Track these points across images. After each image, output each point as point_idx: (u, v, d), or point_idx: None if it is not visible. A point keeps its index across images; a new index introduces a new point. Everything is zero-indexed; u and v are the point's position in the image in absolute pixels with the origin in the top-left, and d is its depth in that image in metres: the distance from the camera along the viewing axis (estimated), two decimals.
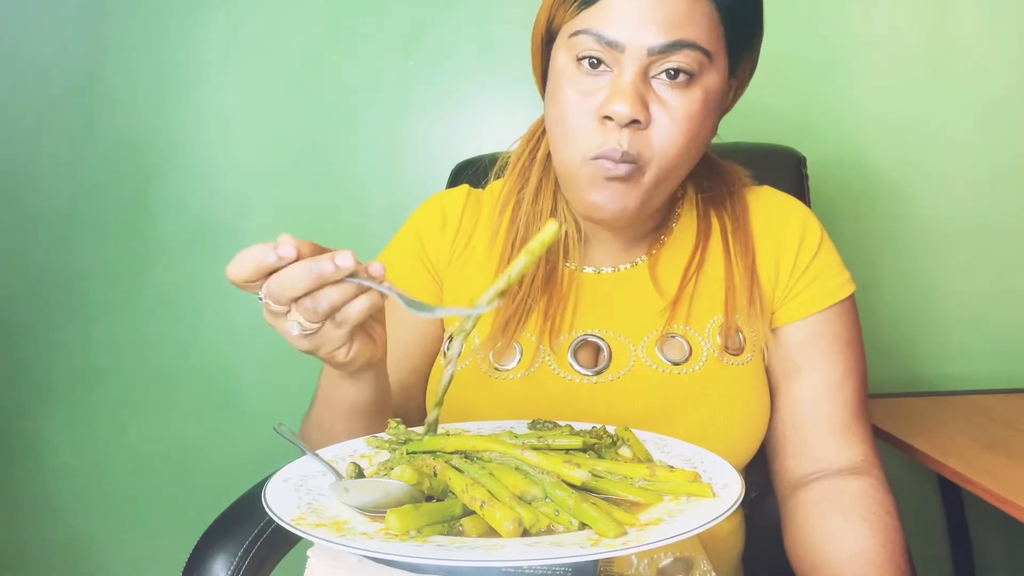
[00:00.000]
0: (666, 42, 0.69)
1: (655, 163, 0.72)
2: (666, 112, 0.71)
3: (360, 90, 1.52)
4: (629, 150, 0.70)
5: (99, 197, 1.57)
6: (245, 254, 0.53)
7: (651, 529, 0.49)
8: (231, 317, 1.56)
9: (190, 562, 0.80)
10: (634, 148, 0.71)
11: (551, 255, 0.83)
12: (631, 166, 0.71)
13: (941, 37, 1.43)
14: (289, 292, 0.53)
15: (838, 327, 0.82)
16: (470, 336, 0.83)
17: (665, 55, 0.70)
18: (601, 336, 0.81)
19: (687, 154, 0.74)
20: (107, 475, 1.62)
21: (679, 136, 0.72)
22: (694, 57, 0.70)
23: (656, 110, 0.71)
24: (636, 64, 0.70)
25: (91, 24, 1.54)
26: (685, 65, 0.70)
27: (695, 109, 0.72)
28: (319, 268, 0.51)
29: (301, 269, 0.52)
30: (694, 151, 0.75)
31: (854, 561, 0.71)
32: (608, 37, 0.70)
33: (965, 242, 1.46)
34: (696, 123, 0.72)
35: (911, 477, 1.47)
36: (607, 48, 0.70)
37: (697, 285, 0.82)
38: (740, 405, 0.78)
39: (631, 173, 0.72)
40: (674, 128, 0.71)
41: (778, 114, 1.43)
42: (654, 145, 0.71)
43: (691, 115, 0.72)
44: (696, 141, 0.74)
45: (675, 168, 0.74)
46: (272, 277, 0.53)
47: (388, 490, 0.54)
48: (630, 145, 0.70)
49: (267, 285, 0.53)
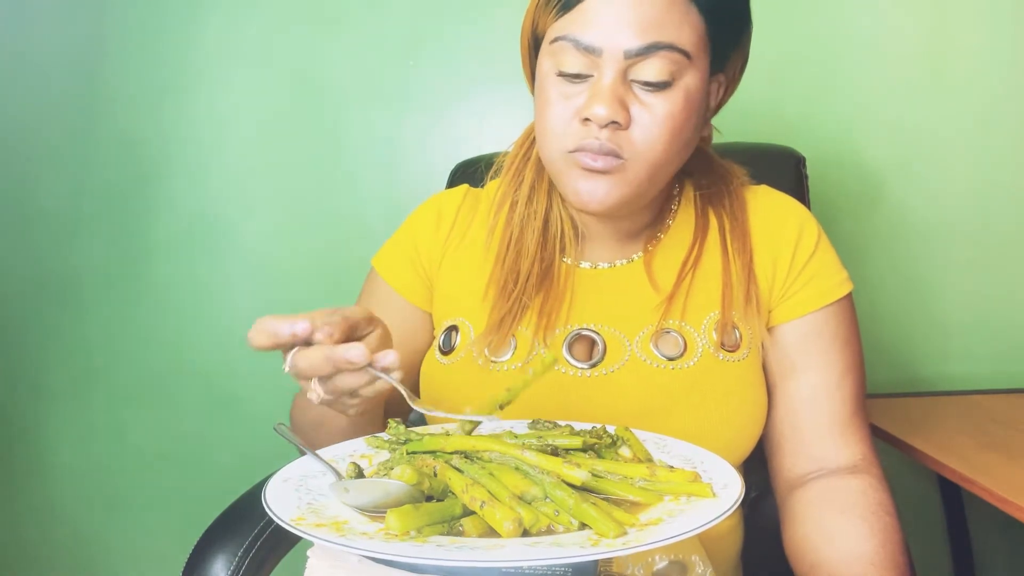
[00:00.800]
0: (643, 45, 0.70)
1: (640, 160, 0.74)
2: (647, 112, 0.73)
3: (360, 90, 1.52)
4: (607, 143, 0.72)
5: (99, 197, 1.57)
6: (263, 326, 0.58)
7: (651, 529, 0.49)
8: (231, 317, 1.56)
9: (190, 562, 0.80)
10: (614, 143, 0.72)
11: (548, 252, 0.84)
12: (610, 158, 0.73)
13: (941, 37, 1.43)
14: (309, 373, 0.57)
15: (835, 326, 0.82)
16: (466, 330, 0.84)
17: (643, 57, 0.71)
18: (596, 330, 0.81)
19: (672, 151, 0.75)
20: (107, 475, 1.62)
21: (661, 135, 0.73)
22: (672, 58, 0.71)
23: (637, 111, 0.73)
24: (614, 67, 0.71)
25: (91, 24, 1.54)
26: (661, 74, 0.71)
27: (676, 108, 0.73)
28: (336, 358, 0.55)
29: (320, 357, 0.56)
30: (679, 148, 0.76)
31: (854, 561, 0.71)
32: (585, 42, 0.72)
33: (965, 242, 1.46)
34: (678, 122, 0.74)
35: (911, 477, 1.47)
36: (585, 53, 0.72)
37: (694, 281, 0.82)
38: (736, 401, 0.79)
39: (611, 167, 0.73)
40: (655, 128, 0.73)
41: (778, 114, 1.43)
42: (637, 144, 0.73)
43: (672, 114, 0.73)
44: (680, 138, 0.75)
45: (663, 164, 0.76)
46: (297, 357, 0.57)
47: (388, 490, 0.54)
48: (609, 140, 0.72)
49: (291, 363, 0.58)
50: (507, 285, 0.83)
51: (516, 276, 0.83)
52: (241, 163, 1.55)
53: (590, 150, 0.73)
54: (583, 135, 0.73)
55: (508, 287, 0.83)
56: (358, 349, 0.55)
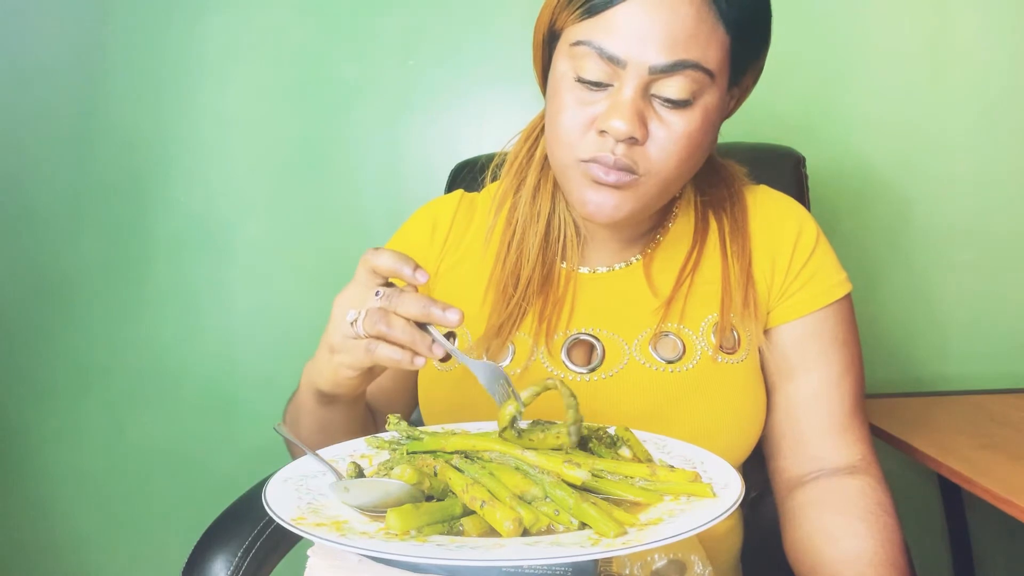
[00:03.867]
0: (669, 62, 0.68)
1: (653, 176, 0.73)
2: (665, 129, 0.71)
3: (360, 90, 1.52)
4: (622, 158, 0.71)
5: (99, 197, 1.57)
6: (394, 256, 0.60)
7: (651, 529, 0.49)
8: (230, 317, 1.56)
9: (190, 562, 0.80)
10: (629, 159, 0.71)
11: (549, 256, 0.84)
12: (623, 174, 0.71)
13: (941, 38, 1.43)
14: (401, 309, 0.59)
15: (834, 326, 0.82)
16: (464, 335, 0.84)
17: (667, 74, 0.69)
18: (594, 334, 0.81)
19: (687, 167, 0.75)
20: (106, 475, 1.62)
21: (677, 152, 0.72)
22: (696, 77, 0.70)
23: (655, 127, 0.71)
24: (636, 81, 0.69)
25: (91, 24, 1.54)
26: (683, 92, 0.70)
27: (694, 127, 0.72)
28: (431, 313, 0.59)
29: (419, 306, 0.59)
30: (694, 164, 0.76)
31: (853, 561, 0.71)
32: (609, 52, 0.69)
33: (965, 242, 1.46)
34: (695, 140, 0.72)
35: (911, 477, 1.47)
36: (608, 62, 0.70)
37: (692, 284, 0.82)
38: (735, 403, 0.78)
39: (623, 182, 0.72)
40: (672, 145, 0.71)
41: (778, 114, 1.43)
42: (652, 160, 0.72)
43: (690, 132, 0.72)
44: (696, 155, 0.74)
45: (675, 180, 0.75)
46: (405, 295, 0.60)
47: (388, 490, 0.54)
48: (624, 155, 0.71)
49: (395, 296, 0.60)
50: (507, 289, 0.82)
51: (516, 280, 0.82)
52: (241, 163, 1.55)
53: (604, 163, 0.71)
54: (598, 147, 0.71)
55: (508, 291, 0.82)
56: (455, 313, 0.58)
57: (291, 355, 1.48)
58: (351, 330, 0.61)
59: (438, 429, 0.66)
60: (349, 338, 0.62)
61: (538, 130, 0.87)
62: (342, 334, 0.62)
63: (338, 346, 0.63)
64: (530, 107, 0.80)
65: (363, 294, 0.62)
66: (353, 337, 0.61)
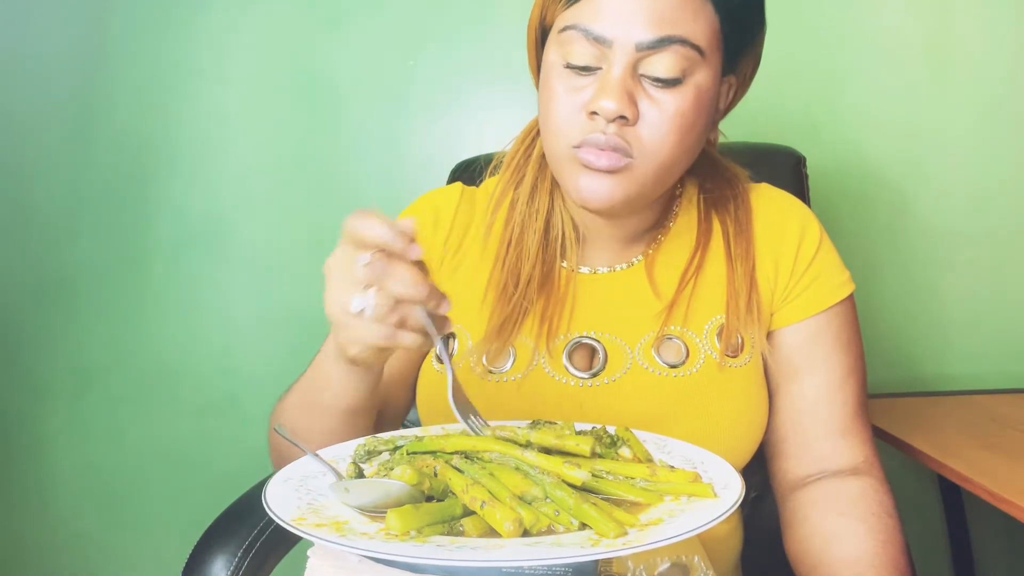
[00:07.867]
0: (655, 37, 0.68)
1: (647, 159, 0.71)
2: (656, 108, 0.70)
3: (360, 90, 1.52)
4: (614, 137, 0.70)
5: (98, 197, 1.57)
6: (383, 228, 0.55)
7: (651, 529, 0.49)
8: (230, 317, 1.56)
9: (190, 562, 0.80)
10: (621, 138, 0.70)
11: (549, 255, 0.83)
12: (616, 156, 0.70)
13: (941, 37, 1.43)
14: (396, 286, 0.56)
15: (838, 327, 0.82)
16: (464, 337, 0.83)
17: (654, 50, 0.69)
18: (596, 338, 0.80)
19: (680, 150, 0.73)
20: (106, 475, 1.62)
21: (670, 132, 0.71)
22: (685, 54, 0.69)
23: (646, 106, 0.70)
24: (624, 60, 0.69)
25: (91, 24, 1.54)
26: (672, 70, 0.69)
27: (686, 106, 0.71)
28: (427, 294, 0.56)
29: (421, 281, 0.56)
30: (688, 147, 0.74)
31: (854, 563, 0.71)
32: (595, 32, 0.69)
33: (965, 242, 1.46)
34: (687, 120, 0.71)
35: (911, 477, 1.47)
36: (595, 44, 0.69)
37: (696, 287, 0.81)
38: (738, 408, 0.78)
39: (616, 167, 0.71)
40: (664, 125, 0.70)
41: (778, 114, 1.43)
42: (645, 141, 0.71)
43: (682, 111, 0.71)
44: (689, 137, 0.73)
45: (670, 165, 0.73)
46: (400, 268, 0.56)
47: (388, 490, 0.54)
48: (616, 135, 0.70)
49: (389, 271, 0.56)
50: (507, 288, 0.81)
51: (516, 279, 0.81)
52: (241, 163, 1.55)
53: (595, 144, 0.70)
54: (589, 129, 0.70)
55: (508, 290, 0.81)
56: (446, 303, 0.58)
57: (291, 355, 1.48)
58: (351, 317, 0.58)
59: (438, 429, 0.66)
60: (350, 316, 0.59)
61: (535, 130, 0.86)
62: (341, 309, 0.59)
63: (339, 323, 0.60)
64: (530, 107, 0.80)
65: (350, 261, 0.58)
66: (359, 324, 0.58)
